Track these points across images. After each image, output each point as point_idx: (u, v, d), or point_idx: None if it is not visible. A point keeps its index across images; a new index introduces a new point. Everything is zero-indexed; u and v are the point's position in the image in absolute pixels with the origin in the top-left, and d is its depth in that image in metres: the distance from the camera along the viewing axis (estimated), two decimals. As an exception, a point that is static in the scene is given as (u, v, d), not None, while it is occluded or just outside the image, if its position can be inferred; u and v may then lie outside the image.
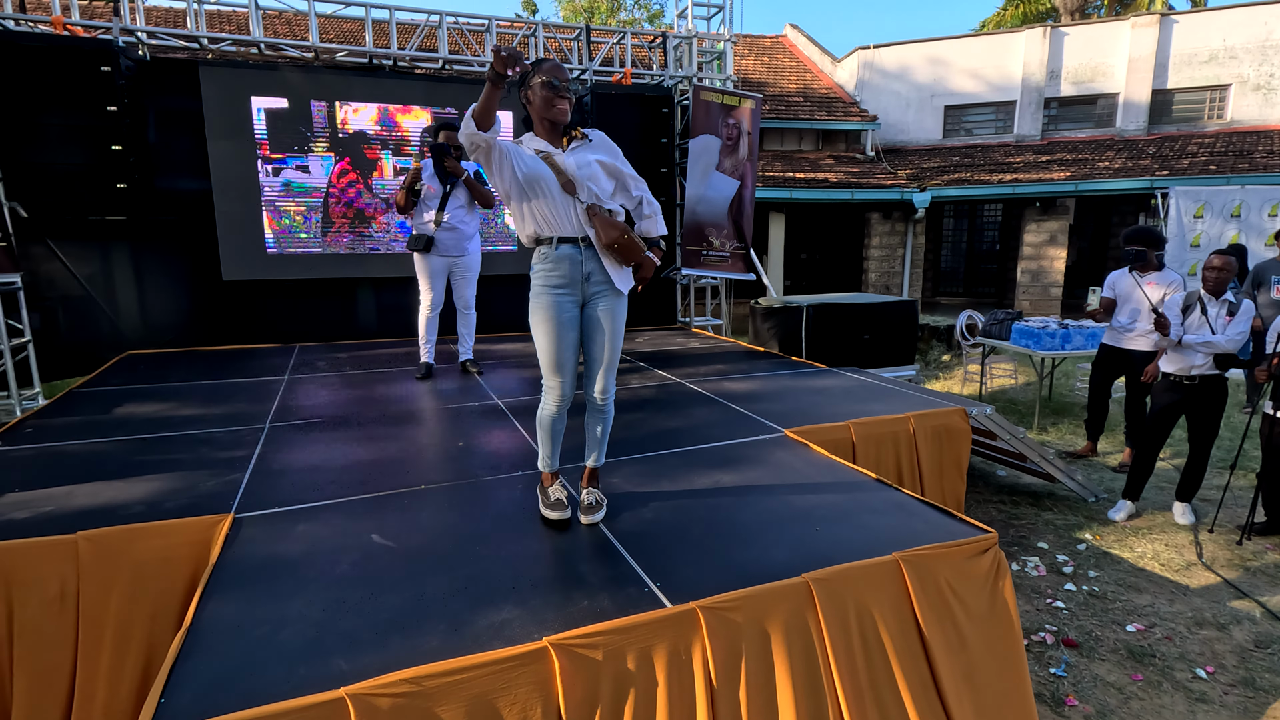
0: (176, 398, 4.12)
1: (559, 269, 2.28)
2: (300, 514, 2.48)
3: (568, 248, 2.29)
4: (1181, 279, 4.69)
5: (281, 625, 1.79)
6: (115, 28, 5.44)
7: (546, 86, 2.26)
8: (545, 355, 2.32)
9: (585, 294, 2.33)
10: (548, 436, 2.44)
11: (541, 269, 2.30)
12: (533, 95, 2.29)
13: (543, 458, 2.48)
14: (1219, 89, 12.56)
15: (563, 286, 2.29)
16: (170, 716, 1.45)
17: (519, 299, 6.65)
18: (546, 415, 2.40)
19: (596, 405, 2.44)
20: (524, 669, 1.64)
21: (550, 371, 2.33)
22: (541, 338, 2.31)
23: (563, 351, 2.31)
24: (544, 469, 2.49)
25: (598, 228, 2.27)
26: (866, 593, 2.04)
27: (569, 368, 2.33)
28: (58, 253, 5.52)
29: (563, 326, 2.29)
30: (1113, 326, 4.93)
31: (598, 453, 2.51)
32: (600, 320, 2.35)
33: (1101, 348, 5.11)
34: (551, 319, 2.28)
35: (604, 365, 2.38)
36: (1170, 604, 3.28)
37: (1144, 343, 4.78)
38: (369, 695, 1.51)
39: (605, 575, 2.05)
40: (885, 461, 3.53)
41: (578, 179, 2.27)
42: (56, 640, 2.17)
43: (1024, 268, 12.07)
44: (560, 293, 2.29)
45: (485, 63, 6.81)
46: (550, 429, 2.42)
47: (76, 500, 2.55)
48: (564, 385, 2.34)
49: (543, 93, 2.27)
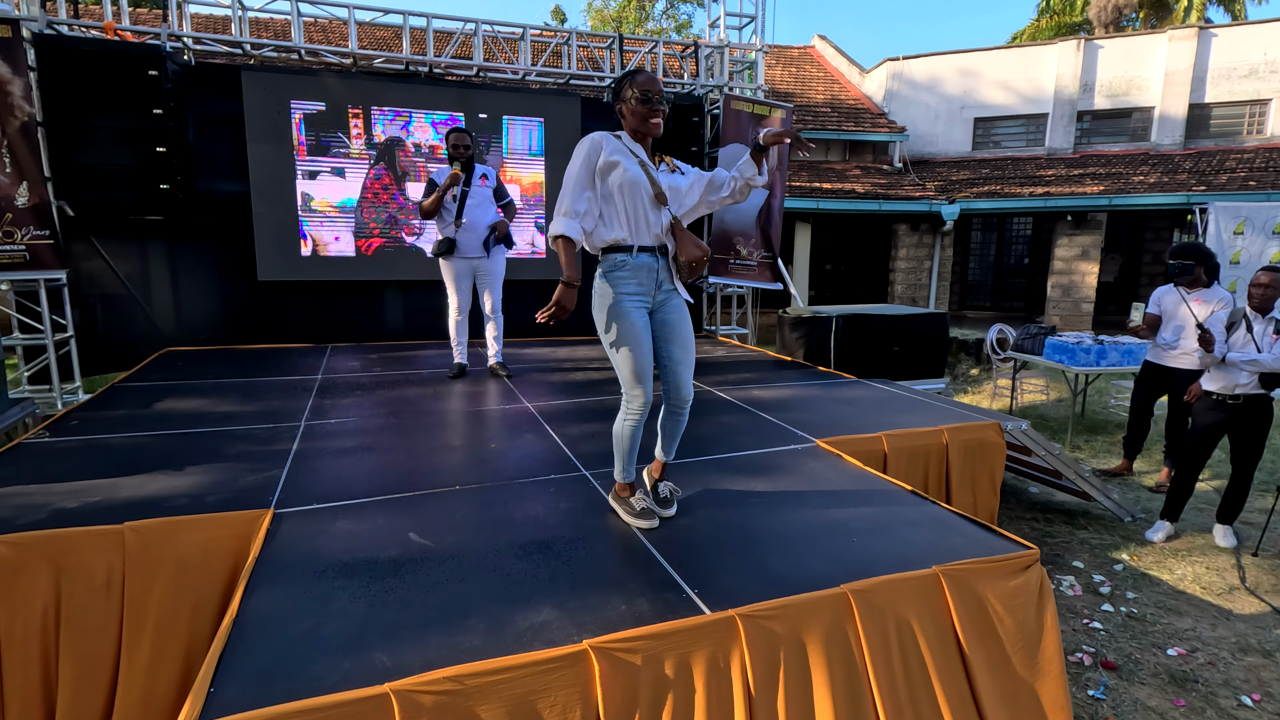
0: (214, 394, 4.20)
1: (637, 277, 2.29)
2: (338, 510, 2.51)
3: (647, 256, 2.30)
4: (1231, 297, 4.56)
5: (325, 620, 1.81)
6: (163, 33, 5.59)
7: (642, 102, 2.25)
8: (629, 365, 2.27)
9: (655, 301, 2.36)
10: (630, 447, 2.41)
11: (618, 277, 2.28)
12: (626, 109, 2.29)
13: (621, 469, 2.46)
14: (1259, 104, 12.31)
15: (639, 295, 2.30)
16: (219, 707, 1.47)
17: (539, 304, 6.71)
18: (630, 426, 2.36)
19: (679, 408, 2.43)
20: (564, 671, 1.64)
21: (635, 381, 2.29)
22: (624, 348, 2.27)
23: (646, 359, 2.30)
24: (622, 480, 2.48)
25: (683, 242, 2.29)
26: (906, 606, 2.02)
27: (650, 373, 2.32)
28: (100, 251, 5.67)
29: (642, 330, 2.29)
30: (1156, 344, 4.82)
31: (672, 449, 2.54)
32: (675, 323, 2.37)
33: (1145, 365, 5.00)
34: (634, 327, 2.26)
35: (687, 367, 2.39)
36: (1213, 628, 3.19)
37: (1188, 361, 4.67)
38: (413, 691, 1.52)
39: (643, 580, 2.05)
40: (917, 474, 3.49)
41: (668, 191, 2.31)
42: (101, 628, 2.21)
43: (1055, 282, 11.89)
44: (637, 301, 2.30)
45: (519, 70, 6.89)
46: (633, 438, 2.39)
47: (122, 491, 2.61)
48: (647, 393, 2.32)
49: (639, 108, 2.26)
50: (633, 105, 2.27)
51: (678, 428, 2.49)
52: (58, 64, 5.15)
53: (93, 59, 5.22)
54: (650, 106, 2.26)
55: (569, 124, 6.74)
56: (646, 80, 2.26)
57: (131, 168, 5.43)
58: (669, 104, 2.33)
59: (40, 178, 5.01)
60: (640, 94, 2.25)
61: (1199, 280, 4.58)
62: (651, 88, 2.26)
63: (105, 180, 5.43)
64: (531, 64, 6.92)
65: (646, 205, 2.27)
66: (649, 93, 2.25)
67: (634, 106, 2.27)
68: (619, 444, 2.43)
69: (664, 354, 2.39)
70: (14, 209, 4.95)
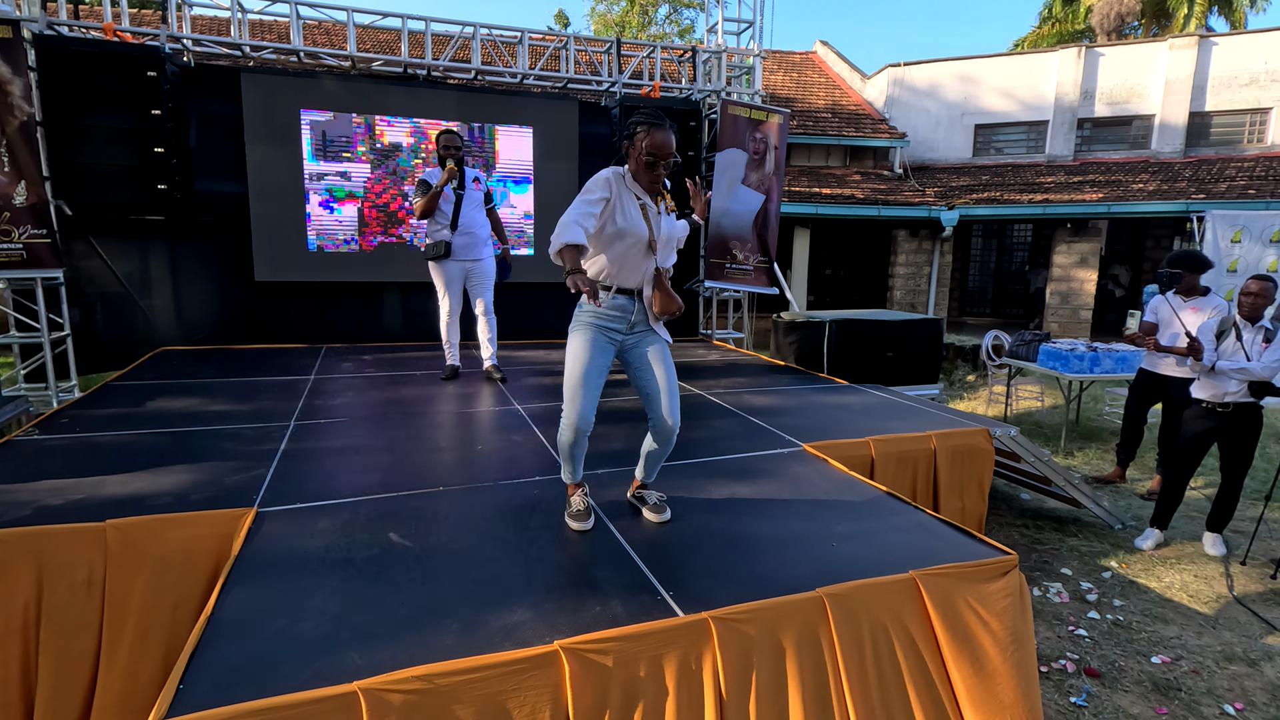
0: (206, 394, 4.22)
1: (610, 316, 2.33)
2: (321, 510, 2.52)
3: (623, 299, 2.34)
4: (1226, 304, 4.55)
5: (299, 618, 1.82)
6: (162, 34, 5.63)
7: (649, 166, 2.24)
8: (571, 377, 2.30)
9: (626, 341, 2.39)
10: (568, 458, 2.44)
11: (592, 309, 2.33)
12: (634, 152, 2.27)
13: (565, 472, 2.51)
14: (1259, 112, 12.30)
15: (607, 329, 2.34)
16: (188, 703, 1.48)
17: (539, 306, 6.71)
18: (565, 441, 2.37)
19: (662, 439, 2.42)
20: (534, 671, 1.65)
21: (573, 389, 2.30)
22: (572, 361, 2.31)
23: (590, 380, 2.29)
24: (568, 480, 2.52)
25: (659, 295, 2.34)
26: (882, 610, 2.02)
27: (592, 396, 2.30)
28: (99, 250, 5.70)
29: (596, 357, 2.30)
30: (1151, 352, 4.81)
31: (653, 474, 2.58)
32: (651, 357, 2.38)
33: (1140, 372, 5.00)
34: (584, 347, 2.30)
35: (670, 391, 2.38)
36: (1198, 637, 3.19)
37: (1183, 369, 4.67)
38: (381, 690, 1.53)
39: (619, 582, 2.05)
40: (905, 480, 3.49)
41: (660, 240, 2.32)
42: (82, 625, 2.22)
43: (1053, 289, 11.88)
44: (603, 331, 2.33)
45: (517, 74, 6.92)
46: (569, 453, 2.41)
47: (107, 489, 2.62)
48: (577, 412, 2.29)
49: (643, 168, 2.26)
50: (639, 159, 2.26)
51: (659, 457, 2.51)
52: (57, 64, 5.18)
53: (92, 60, 5.25)
54: (654, 172, 2.26)
55: (567, 128, 6.76)
56: (658, 144, 2.22)
57: (130, 168, 5.46)
58: (677, 164, 2.31)
59: (39, 177, 5.04)
60: (648, 156, 2.24)
61: (1196, 288, 4.58)
62: (660, 152, 2.22)
63: (104, 180, 5.45)
64: (529, 68, 6.95)
65: (638, 254, 2.31)
66: (655, 157, 2.23)
67: (640, 161, 2.26)
68: (562, 451, 2.43)
69: (643, 386, 2.40)
70: (12, 208, 4.98)
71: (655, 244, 2.30)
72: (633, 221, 2.26)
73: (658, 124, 2.23)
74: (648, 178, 2.28)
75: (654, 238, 2.30)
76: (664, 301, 2.34)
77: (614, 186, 2.25)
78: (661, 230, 2.33)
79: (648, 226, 2.29)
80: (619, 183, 2.28)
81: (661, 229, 2.33)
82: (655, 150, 2.22)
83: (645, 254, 2.31)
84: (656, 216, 2.33)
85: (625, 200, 2.27)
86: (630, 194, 2.29)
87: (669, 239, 2.39)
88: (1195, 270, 4.56)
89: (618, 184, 2.27)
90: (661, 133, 2.22)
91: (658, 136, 2.22)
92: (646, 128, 2.22)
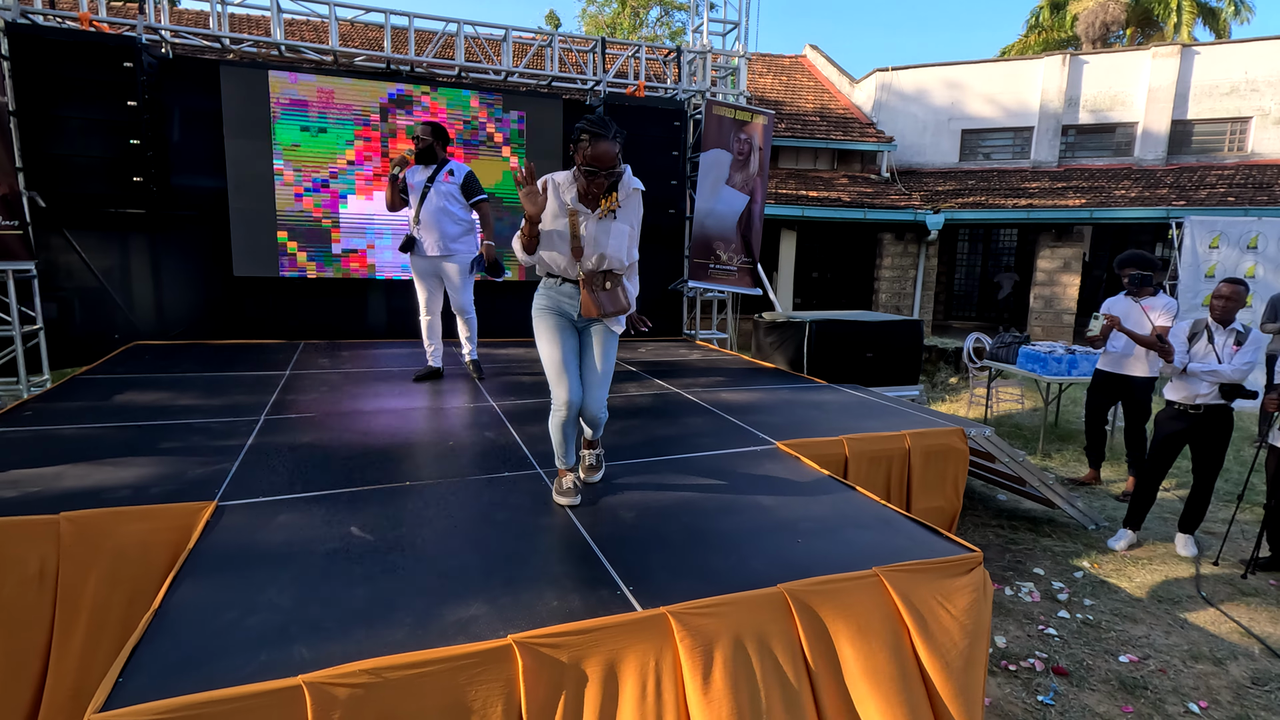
0: (177, 388, 4.16)
1: (560, 298, 2.50)
2: (283, 504, 2.48)
3: (569, 286, 2.49)
4: (1176, 303, 4.72)
5: (250, 612, 1.78)
6: (139, 25, 5.57)
7: (586, 173, 2.27)
8: (548, 358, 2.48)
9: (579, 322, 2.53)
10: (560, 439, 2.56)
11: (545, 292, 2.52)
12: (577, 157, 2.30)
13: (558, 456, 2.60)
14: (1239, 121, 12.46)
15: (560, 311, 2.51)
16: (127, 697, 1.44)
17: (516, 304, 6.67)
18: (556, 421, 2.52)
19: (588, 419, 2.61)
20: (486, 666, 1.62)
21: (555, 374, 2.48)
22: (545, 346, 2.49)
23: (564, 357, 2.47)
24: (560, 465, 2.62)
25: (584, 298, 2.40)
26: (844, 606, 2.01)
27: (571, 368, 2.48)
28: (74, 244, 5.61)
29: (563, 333, 2.50)
30: (1108, 351, 4.86)
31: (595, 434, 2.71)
32: (590, 345, 2.55)
33: (1096, 373, 5.04)
34: (553, 328, 2.49)
35: (598, 385, 2.55)
36: (1166, 636, 3.20)
37: (1142, 368, 4.73)
38: (326, 684, 1.50)
39: (579, 577, 2.03)
40: (878, 478, 3.49)
41: (588, 245, 2.37)
42: (32, 620, 2.17)
43: (1037, 293, 11.97)
44: (559, 312, 2.51)
45: (501, 71, 6.90)
46: (562, 432, 2.54)
47: (64, 482, 2.57)
48: (570, 392, 2.47)
49: (580, 174, 2.30)
50: (579, 163, 2.29)
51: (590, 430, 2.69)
52: (31, 53, 5.11)
53: (67, 49, 5.18)
54: (595, 179, 2.28)
55: (551, 125, 6.74)
56: (599, 155, 2.23)
57: (105, 160, 5.39)
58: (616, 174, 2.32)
59: (11, 167, 4.96)
60: (588, 167, 2.26)
61: (1148, 289, 4.69)
62: (599, 163, 2.24)
63: (78, 172, 5.38)
64: (514, 65, 6.92)
65: (565, 253, 2.40)
66: (596, 168, 2.25)
67: (579, 166, 2.30)
68: (554, 436, 2.57)
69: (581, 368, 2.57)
70: (-18, 198, 4.90)
71: (580, 250, 2.38)
72: (559, 222, 2.36)
73: (600, 134, 2.23)
74: (586, 184, 2.31)
75: (578, 245, 2.36)
76: (586, 305, 2.41)
77: (550, 188, 2.34)
78: (591, 234, 2.37)
79: (573, 235, 2.35)
80: (558, 183, 2.36)
81: (591, 233, 2.37)
82: (595, 161, 2.24)
83: (571, 258, 2.40)
84: (593, 222, 2.37)
85: (558, 204, 2.35)
86: (568, 198, 2.34)
87: (599, 244, 2.39)
88: (1149, 268, 4.69)
89: (554, 188, 2.35)
90: (604, 144, 2.23)
91: (600, 147, 2.23)
92: (589, 137, 2.23)
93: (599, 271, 2.42)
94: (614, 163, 2.27)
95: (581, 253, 2.39)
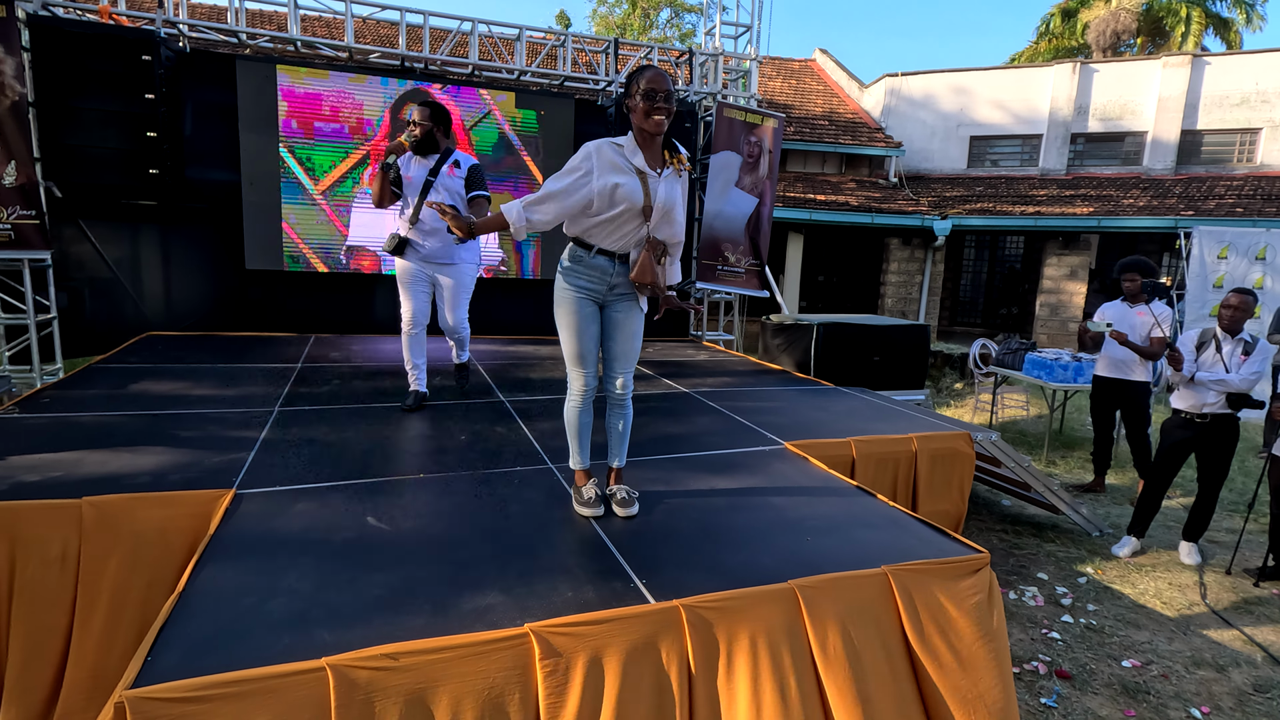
0: (191, 378, 4.21)
1: (589, 274, 2.35)
2: (300, 493, 2.52)
3: (604, 260, 2.34)
4: (1170, 312, 4.75)
5: (271, 596, 1.82)
6: (158, 19, 5.62)
7: (645, 97, 2.21)
8: (568, 347, 2.42)
9: (606, 298, 2.41)
10: (575, 431, 2.50)
11: (571, 270, 2.37)
12: (632, 104, 2.26)
13: (573, 455, 2.54)
14: (1249, 132, 12.45)
15: (587, 288, 2.37)
16: (156, 674, 1.48)
17: (523, 301, 6.70)
18: (572, 408, 2.48)
19: (615, 399, 2.51)
20: (503, 652, 1.65)
21: (573, 362, 2.43)
22: (564, 330, 2.40)
23: (584, 343, 2.39)
24: (576, 467, 2.56)
25: (643, 260, 2.30)
26: (852, 603, 2.04)
27: (590, 359, 2.43)
28: (88, 234, 5.67)
29: (584, 320, 2.38)
30: (1107, 355, 4.88)
31: (620, 453, 2.57)
32: (618, 319, 2.42)
33: (1095, 380, 5.05)
34: (574, 313, 2.37)
35: (623, 363, 2.46)
36: (1169, 642, 3.22)
37: (1141, 372, 4.77)
38: (348, 666, 1.53)
39: (592, 569, 2.07)
40: (885, 480, 3.51)
41: (656, 209, 2.29)
42: (54, 601, 2.21)
43: (1043, 301, 11.98)
44: (582, 293, 2.37)
45: (514, 70, 6.94)
46: (577, 422, 2.49)
47: (85, 468, 2.61)
48: (586, 376, 2.43)
49: (641, 103, 2.22)
50: (636, 101, 2.23)
51: (619, 423, 2.52)
52: (51, 45, 5.16)
53: (86, 41, 5.24)
54: (653, 103, 2.21)
55: (563, 125, 6.78)
56: (653, 77, 2.21)
57: (121, 151, 5.44)
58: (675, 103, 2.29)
59: (29, 158, 5.02)
60: (645, 89, 2.20)
61: (1140, 294, 4.73)
62: (658, 85, 2.20)
63: (95, 163, 5.43)
64: (527, 65, 6.96)
65: (627, 219, 2.29)
66: (654, 90, 2.20)
67: (637, 103, 2.23)
68: (568, 427, 2.51)
69: (605, 349, 2.48)
70: (1, 188, 4.95)
71: (650, 210, 2.28)
72: (626, 190, 2.24)
73: (647, 66, 2.28)
74: (649, 114, 2.21)
75: (649, 203, 2.27)
76: (641, 272, 2.30)
77: (597, 160, 2.24)
78: (659, 197, 2.29)
79: (644, 194, 2.27)
80: (609, 152, 2.26)
81: (659, 195, 2.29)
82: (652, 83, 2.20)
83: (637, 220, 2.30)
84: (656, 182, 2.29)
85: (616, 173, 2.24)
86: (625, 164, 2.26)
87: (668, 207, 2.32)
88: (1147, 275, 4.72)
89: (605, 155, 2.25)
90: (653, 70, 2.23)
91: (650, 73, 2.22)
92: (638, 71, 2.25)
93: (659, 240, 2.33)
94: (669, 88, 2.22)
95: (651, 212, 2.28)
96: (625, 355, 2.45)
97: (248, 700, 1.46)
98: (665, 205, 2.32)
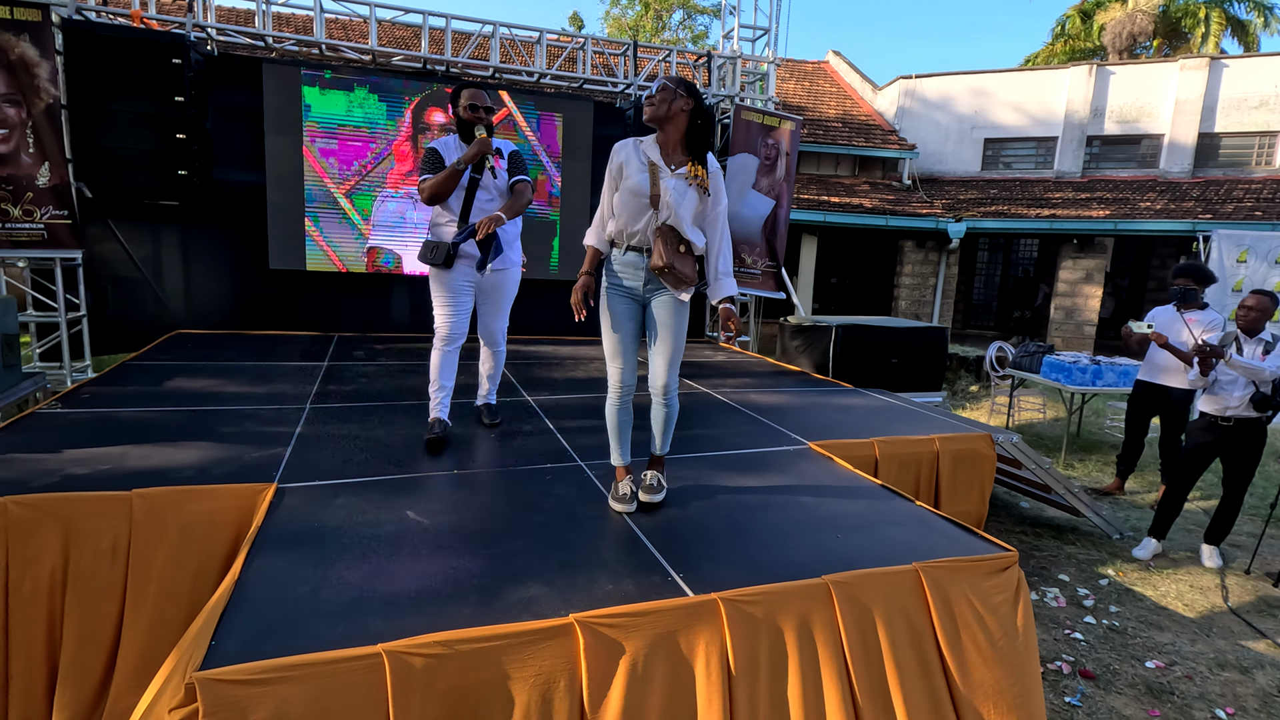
0: (222, 375, 4.29)
1: (624, 271, 2.48)
2: (339, 488, 2.58)
3: (633, 254, 2.45)
4: (1223, 319, 4.63)
5: (322, 586, 1.88)
6: (188, 23, 5.72)
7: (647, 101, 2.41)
8: (605, 343, 2.53)
9: (644, 295, 2.50)
10: (614, 427, 2.59)
11: (609, 267, 2.52)
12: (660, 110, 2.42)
13: (613, 451, 2.62)
14: (1268, 135, 12.36)
15: (625, 286, 2.48)
16: (221, 658, 1.54)
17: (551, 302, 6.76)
18: (610, 406, 2.57)
19: (657, 397, 2.55)
20: (550, 642, 1.71)
21: (608, 358, 2.54)
22: (603, 329, 2.52)
23: (619, 343, 2.50)
24: (615, 463, 2.63)
25: (657, 245, 2.37)
26: (885, 599, 2.08)
27: (624, 355, 2.51)
28: (116, 233, 5.78)
29: (618, 316, 2.49)
30: (1150, 359, 4.86)
31: (662, 441, 2.63)
32: (656, 316, 2.50)
33: (1137, 384, 5.04)
34: (608, 308, 2.51)
35: (663, 359, 2.50)
36: (1192, 644, 3.24)
37: (1181, 379, 4.73)
38: (404, 653, 1.59)
39: (631, 564, 2.12)
40: (908, 481, 3.54)
41: (664, 199, 2.38)
42: (105, 591, 2.28)
43: (1058, 304, 11.93)
44: (621, 290, 2.49)
45: (534, 73, 7.01)
46: (616, 420, 2.57)
47: (130, 461, 2.69)
48: (623, 374, 2.52)
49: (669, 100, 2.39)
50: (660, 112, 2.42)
51: (659, 417, 2.58)
52: (84, 49, 5.27)
53: (118, 45, 5.34)
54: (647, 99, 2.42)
55: (582, 127, 6.84)
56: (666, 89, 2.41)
57: (151, 153, 5.54)
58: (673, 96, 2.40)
59: (62, 159, 5.13)
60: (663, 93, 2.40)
61: (1196, 302, 4.64)
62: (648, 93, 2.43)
63: (124, 164, 5.53)
64: (546, 68, 7.03)
65: (638, 209, 2.41)
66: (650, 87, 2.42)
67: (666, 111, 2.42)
68: (608, 423, 2.60)
69: (648, 342, 2.56)
70: (35, 188, 5.06)
71: (658, 198, 2.37)
72: (634, 180, 2.39)
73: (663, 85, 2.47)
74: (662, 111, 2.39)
75: (656, 192, 2.37)
76: (659, 254, 2.34)
77: (617, 152, 2.46)
78: (668, 191, 2.36)
79: (651, 182, 2.38)
80: (627, 148, 2.46)
81: (669, 189, 2.36)
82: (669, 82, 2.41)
83: (647, 210, 2.39)
84: (667, 177, 2.38)
85: (628, 163, 2.43)
86: (638, 156, 2.43)
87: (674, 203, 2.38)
88: (1201, 283, 4.64)
89: (624, 150, 2.46)
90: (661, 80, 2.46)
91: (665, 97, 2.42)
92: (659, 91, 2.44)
93: (675, 230, 2.38)
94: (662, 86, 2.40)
95: (659, 200, 2.36)
96: (662, 352, 2.49)
97: (308, 683, 1.51)
98: (672, 200, 2.39)
